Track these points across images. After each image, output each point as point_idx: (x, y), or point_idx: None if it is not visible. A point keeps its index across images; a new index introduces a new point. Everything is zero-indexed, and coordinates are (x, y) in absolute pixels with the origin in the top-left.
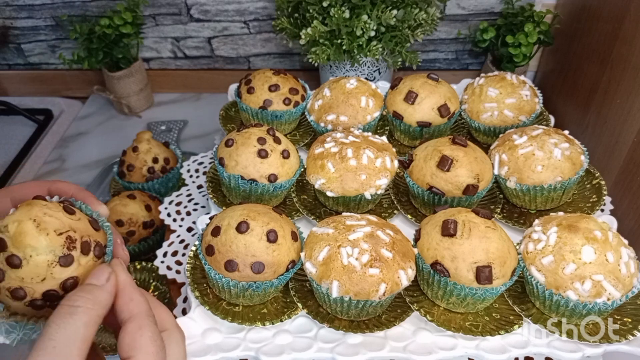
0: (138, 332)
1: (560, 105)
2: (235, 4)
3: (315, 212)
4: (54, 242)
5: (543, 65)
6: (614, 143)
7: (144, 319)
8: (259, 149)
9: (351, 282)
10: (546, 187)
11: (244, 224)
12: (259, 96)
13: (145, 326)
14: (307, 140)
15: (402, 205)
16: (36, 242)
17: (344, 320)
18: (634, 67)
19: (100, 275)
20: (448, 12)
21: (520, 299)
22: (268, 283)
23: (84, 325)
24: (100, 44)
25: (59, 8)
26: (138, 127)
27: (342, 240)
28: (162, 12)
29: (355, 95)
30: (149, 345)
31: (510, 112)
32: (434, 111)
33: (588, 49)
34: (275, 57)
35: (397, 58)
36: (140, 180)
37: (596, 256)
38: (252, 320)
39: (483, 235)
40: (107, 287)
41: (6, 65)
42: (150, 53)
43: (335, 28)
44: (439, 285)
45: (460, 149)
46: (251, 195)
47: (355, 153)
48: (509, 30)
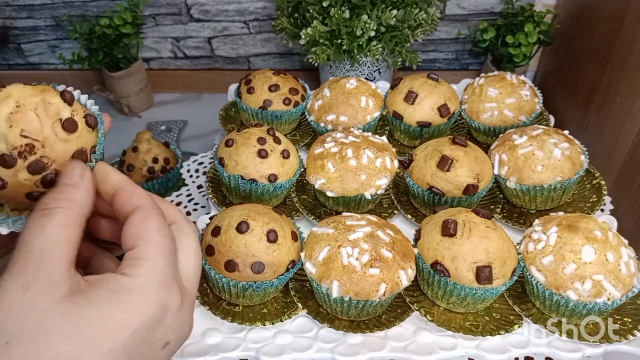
0: (143, 223)
1: (560, 105)
2: (235, 4)
3: (315, 212)
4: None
5: (543, 65)
6: (614, 143)
7: (150, 210)
8: (259, 149)
9: (351, 282)
10: (546, 187)
11: (244, 224)
12: (259, 96)
13: (152, 217)
14: (307, 140)
15: (402, 205)
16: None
17: (344, 320)
18: (634, 67)
19: (72, 173)
20: (448, 12)
21: (520, 299)
22: (268, 283)
23: (63, 226)
24: (100, 44)
25: (59, 8)
26: (138, 127)
27: (342, 240)
28: (162, 12)
29: (355, 95)
30: (156, 234)
31: (510, 112)
32: (434, 111)
33: (588, 49)
34: (275, 57)
35: (397, 58)
36: (140, 180)
37: (596, 256)
38: (252, 321)
39: (483, 235)
40: (83, 184)
41: (6, 65)
42: (150, 53)
43: (335, 28)
44: (439, 285)
45: (460, 149)
46: (251, 195)
47: (355, 153)
48: (509, 30)
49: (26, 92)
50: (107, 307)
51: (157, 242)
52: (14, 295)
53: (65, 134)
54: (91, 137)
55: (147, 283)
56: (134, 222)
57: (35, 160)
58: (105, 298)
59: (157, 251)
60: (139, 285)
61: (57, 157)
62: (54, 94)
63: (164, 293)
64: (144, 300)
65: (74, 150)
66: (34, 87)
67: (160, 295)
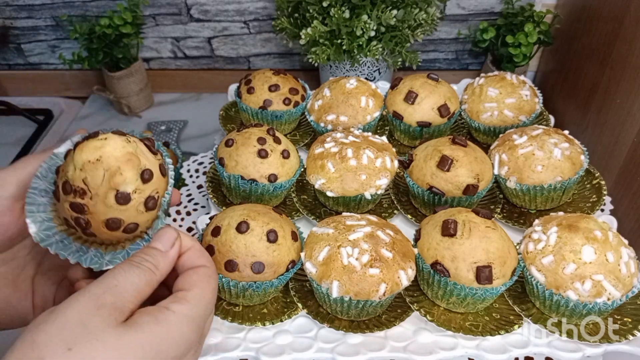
0: (206, 278)
1: (560, 105)
2: (235, 4)
3: (315, 212)
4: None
5: (543, 65)
6: (614, 143)
7: (214, 274)
8: (259, 149)
9: (351, 282)
10: (546, 187)
11: (244, 224)
12: (259, 96)
13: (214, 276)
14: (307, 140)
15: (402, 205)
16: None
17: (344, 320)
18: (634, 67)
19: (166, 241)
20: (448, 12)
21: (520, 299)
22: (268, 283)
23: (145, 281)
24: (100, 44)
25: (59, 8)
26: (138, 127)
27: (342, 240)
28: (162, 12)
29: (355, 95)
30: (209, 292)
31: (510, 112)
32: (434, 111)
33: (588, 49)
34: (275, 57)
35: (397, 58)
36: None
37: (596, 256)
38: (252, 321)
39: (483, 235)
40: (171, 254)
41: (6, 65)
42: (150, 53)
43: (335, 28)
44: (439, 285)
45: (460, 149)
46: (251, 195)
47: (355, 153)
48: (509, 30)
49: (117, 150)
50: (149, 331)
51: (207, 297)
52: (86, 311)
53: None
54: (162, 185)
55: (186, 321)
56: (198, 272)
57: (78, 203)
58: (151, 324)
59: (202, 302)
60: (179, 321)
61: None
62: (137, 162)
63: (193, 335)
64: (181, 336)
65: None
66: (126, 145)
67: (192, 334)
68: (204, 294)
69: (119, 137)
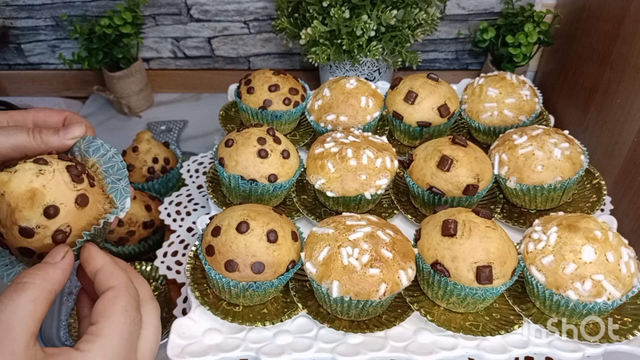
0: (111, 301)
1: (560, 105)
2: (235, 4)
3: (315, 212)
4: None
5: (543, 65)
6: (614, 143)
7: (122, 290)
8: (259, 149)
9: (351, 282)
10: (546, 187)
11: (244, 224)
12: (258, 96)
13: (121, 296)
14: (307, 140)
15: (402, 205)
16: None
17: (344, 321)
18: (634, 67)
19: (56, 255)
20: (448, 12)
21: (521, 299)
22: (268, 283)
23: (32, 301)
24: (100, 44)
25: (59, 8)
26: (138, 127)
27: (342, 240)
28: (162, 12)
29: (355, 95)
30: (120, 314)
31: (510, 112)
32: (434, 111)
33: (588, 49)
34: (275, 57)
35: (397, 58)
36: (140, 180)
37: (596, 256)
38: (253, 321)
39: (483, 235)
40: (60, 265)
41: (6, 65)
42: (150, 53)
43: (335, 28)
44: (439, 285)
45: (460, 149)
46: (251, 195)
47: (355, 153)
48: (509, 30)
49: (20, 186)
50: None
51: (118, 321)
52: None
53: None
54: (81, 216)
55: (100, 357)
56: (103, 299)
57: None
58: None
59: (115, 330)
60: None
61: None
62: (40, 199)
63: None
64: None
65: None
66: (34, 179)
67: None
68: (114, 320)
69: (29, 171)
